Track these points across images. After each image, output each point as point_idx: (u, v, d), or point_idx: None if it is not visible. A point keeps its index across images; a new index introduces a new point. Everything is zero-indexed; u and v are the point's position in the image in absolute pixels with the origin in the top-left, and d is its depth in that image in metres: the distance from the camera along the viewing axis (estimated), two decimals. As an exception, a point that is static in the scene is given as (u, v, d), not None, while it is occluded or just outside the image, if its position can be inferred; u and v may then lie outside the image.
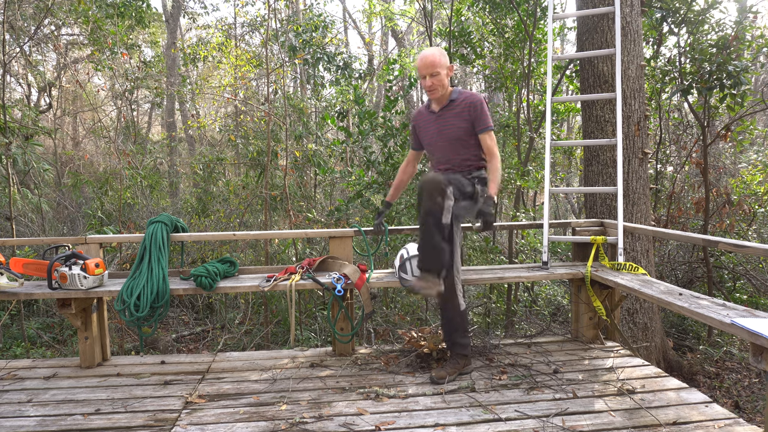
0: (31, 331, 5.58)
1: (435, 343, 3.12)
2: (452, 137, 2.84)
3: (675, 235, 3.11)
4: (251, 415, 2.51)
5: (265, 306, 5.65)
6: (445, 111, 2.84)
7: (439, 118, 2.86)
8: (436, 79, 2.75)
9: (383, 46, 16.47)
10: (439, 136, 2.89)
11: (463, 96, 2.82)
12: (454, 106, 2.81)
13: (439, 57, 2.74)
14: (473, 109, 2.78)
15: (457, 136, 2.83)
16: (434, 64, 2.73)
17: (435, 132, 2.90)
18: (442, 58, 2.75)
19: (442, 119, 2.86)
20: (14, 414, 2.56)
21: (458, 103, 2.81)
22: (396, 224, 5.57)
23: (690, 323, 5.68)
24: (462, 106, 2.80)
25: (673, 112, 7.09)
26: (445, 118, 2.84)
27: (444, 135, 2.86)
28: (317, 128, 7.82)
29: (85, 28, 7.43)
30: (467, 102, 2.79)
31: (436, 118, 2.88)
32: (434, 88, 2.78)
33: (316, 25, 7.28)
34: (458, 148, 2.85)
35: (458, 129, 2.82)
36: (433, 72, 2.74)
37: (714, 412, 2.44)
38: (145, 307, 2.91)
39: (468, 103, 2.79)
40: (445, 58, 2.76)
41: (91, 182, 8.20)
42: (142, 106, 14.33)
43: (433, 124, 2.90)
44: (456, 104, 2.81)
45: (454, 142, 2.84)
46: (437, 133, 2.89)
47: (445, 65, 2.76)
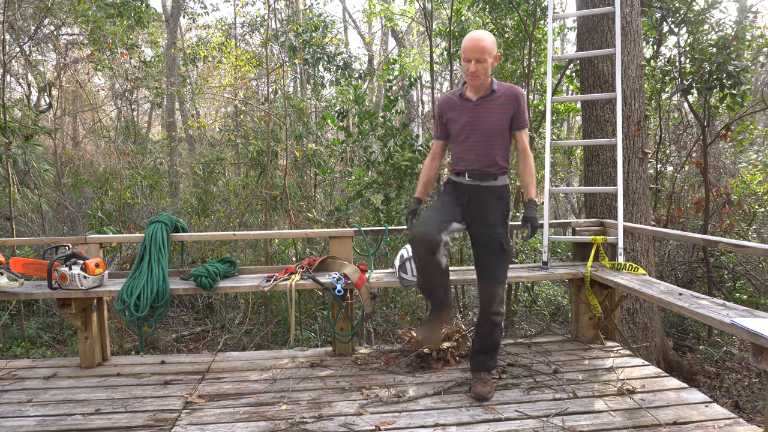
0: (31, 331, 5.58)
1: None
2: (489, 131, 2.61)
3: (675, 235, 3.11)
4: (251, 415, 2.51)
5: (265, 306, 5.65)
6: (485, 101, 2.61)
7: (477, 107, 2.62)
8: (481, 66, 2.51)
9: (383, 46, 16.47)
10: (474, 128, 2.64)
11: (505, 87, 2.62)
12: (496, 97, 2.59)
13: (490, 43, 2.50)
14: (516, 103, 2.59)
15: (495, 131, 2.61)
16: (484, 50, 2.48)
17: (469, 122, 2.64)
18: (493, 45, 2.51)
19: (480, 109, 2.62)
20: (14, 414, 2.56)
21: (500, 95, 2.59)
22: (396, 224, 5.57)
23: (690, 323, 5.68)
24: (504, 99, 2.59)
25: (673, 112, 7.09)
26: (483, 108, 2.61)
27: (480, 127, 2.62)
28: (317, 128, 7.82)
29: (85, 28, 7.43)
30: (511, 94, 2.59)
31: (473, 107, 2.63)
32: (477, 74, 2.53)
33: (316, 25, 7.29)
34: (492, 143, 2.62)
35: (497, 123, 2.60)
36: (481, 58, 2.49)
37: (714, 412, 2.44)
38: (145, 307, 2.91)
39: (512, 95, 2.59)
40: (495, 45, 2.53)
41: (91, 182, 8.20)
42: (142, 106, 14.33)
43: (468, 113, 2.65)
44: (497, 95, 2.59)
45: (490, 137, 2.62)
46: (472, 123, 2.64)
47: (493, 53, 2.52)
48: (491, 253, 2.64)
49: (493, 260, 2.64)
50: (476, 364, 2.75)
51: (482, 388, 2.63)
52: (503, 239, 2.63)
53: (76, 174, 8.84)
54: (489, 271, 2.64)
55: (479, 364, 2.74)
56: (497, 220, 2.65)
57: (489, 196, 2.66)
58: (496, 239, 2.63)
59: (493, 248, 2.63)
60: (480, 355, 2.74)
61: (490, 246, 2.64)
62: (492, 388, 2.68)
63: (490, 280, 2.63)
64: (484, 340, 2.72)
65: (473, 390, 2.66)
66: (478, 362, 2.74)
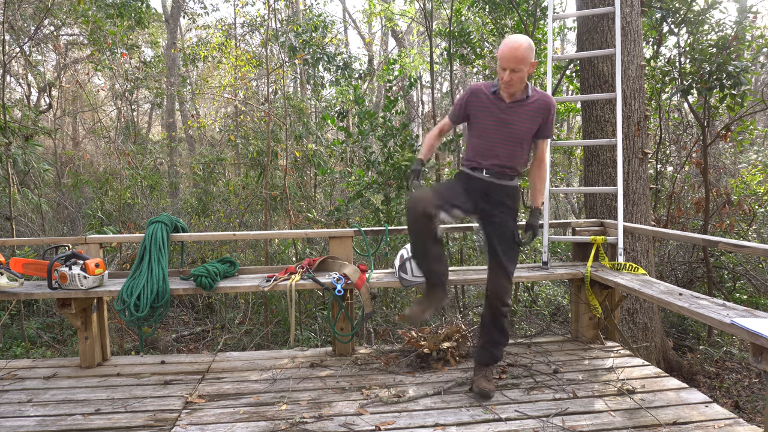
0: (31, 331, 5.58)
1: (435, 343, 3.12)
2: (517, 135, 2.60)
3: (675, 235, 3.11)
4: (251, 415, 2.51)
5: (265, 306, 5.65)
6: (517, 106, 2.58)
7: (509, 110, 2.59)
8: (516, 76, 2.46)
9: (383, 46, 16.47)
10: (500, 129, 2.61)
11: (538, 95, 2.59)
12: (529, 104, 2.57)
13: (527, 52, 2.43)
14: (548, 113, 2.58)
15: (522, 136, 2.61)
16: (520, 60, 2.41)
17: (497, 122, 2.62)
18: (530, 54, 2.44)
19: (511, 112, 2.59)
20: (14, 414, 2.56)
21: (533, 102, 2.56)
22: (396, 224, 5.57)
23: (690, 323, 5.68)
24: (537, 107, 2.57)
25: (673, 112, 7.09)
26: (515, 113, 2.58)
27: (508, 130, 2.60)
28: (317, 128, 7.82)
29: (85, 28, 7.43)
30: (544, 103, 2.58)
31: (505, 109, 2.59)
32: (512, 83, 2.49)
33: (315, 25, 7.28)
34: (516, 148, 2.62)
35: (526, 129, 2.59)
36: (517, 68, 2.43)
37: (714, 412, 2.44)
38: (145, 307, 2.91)
39: (545, 104, 2.58)
40: (532, 53, 2.45)
41: (91, 182, 8.21)
42: (142, 107, 14.33)
43: (497, 113, 2.61)
44: (531, 102, 2.56)
45: (516, 142, 2.61)
46: (500, 124, 2.61)
47: (530, 62, 2.45)
48: (505, 243, 2.66)
49: (507, 252, 2.66)
50: (485, 356, 2.75)
51: (486, 385, 2.64)
52: (515, 233, 2.70)
53: (76, 174, 8.84)
54: (502, 262, 2.64)
55: (486, 356, 2.74)
56: (511, 215, 2.72)
57: (504, 193, 2.72)
58: (510, 230, 2.68)
59: (508, 239, 2.67)
60: (489, 347, 2.74)
61: (504, 236, 2.67)
62: (494, 386, 2.70)
63: (502, 271, 2.64)
64: (492, 331, 2.72)
65: (476, 385, 2.65)
66: (486, 354, 2.75)
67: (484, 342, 2.75)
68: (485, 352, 2.75)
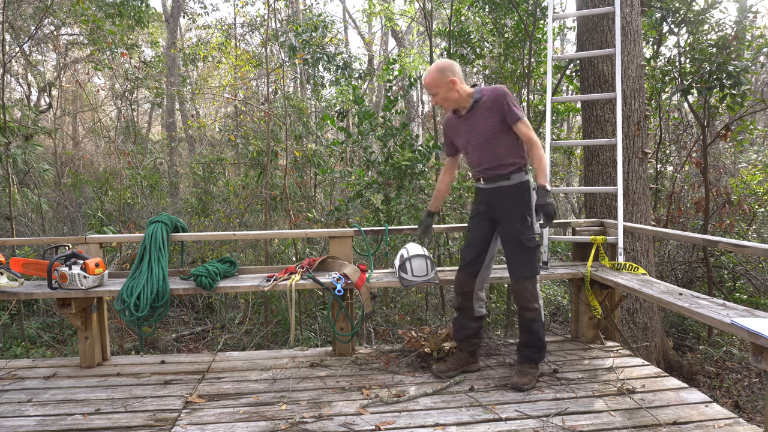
0: (31, 330, 5.58)
1: (436, 343, 3.12)
2: (483, 138, 2.76)
3: (675, 235, 3.12)
4: (251, 414, 2.51)
5: (265, 306, 5.64)
6: (471, 113, 2.76)
7: (467, 120, 2.79)
8: (438, 98, 2.74)
9: (383, 46, 16.46)
10: (470, 139, 2.82)
11: (485, 94, 2.73)
12: (479, 107, 2.73)
13: (435, 76, 2.69)
14: (498, 103, 2.68)
15: (489, 136, 2.74)
16: (430, 86, 2.72)
17: (466, 133, 2.83)
18: (439, 76, 2.68)
19: (469, 122, 2.78)
20: (14, 414, 2.56)
21: (482, 103, 2.72)
22: (396, 224, 5.57)
23: (690, 323, 5.67)
24: (487, 104, 2.71)
25: (673, 112, 7.08)
26: (472, 120, 2.77)
27: (475, 137, 2.78)
28: (317, 128, 7.82)
29: (85, 28, 7.43)
30: (492, 98, 2.70)
31: (465, 120, 2.80)
32: (440, 105, 2.78)
33: (315, 25, 7.28)
34: (491, 147, 2.75)
35: (488, 129, 2.73)
36: (432, 92, 2.74)
37: (714, 412, 2.44)
38: (145, 306, 2.91)
39: (493, 98, 2.70)
40: (443, 75, 2.68)
41: (91, 182, 8.20)
42: (142, 106, 14.33)
43: (463, 127, 2.83)
44: (480, 104, 2.73)
45: (487, 142, 2.76)
46: (467, 136, 2.82)
47: (443, 83, 2.68)
48: (512, 250, 2.79)
49: (514, 257, 2.78)
50: (520, 356, 2.88)
51: (519, 379, 2.75)
52: (522, 236, 2.72)
53: (76, 174, 8.84)
54: (512, 267, 2.80)
55: (522, 357, 2.86)
56: (514, 217, 2.75)
57: (502, 196, 2.78)
58: (514, 235, 2.74)
59: (514, 245, 2.76)
60: (522, 348, 2.86)
61: (509, 242, 2.79)
62: (531, 380, 2.75)
63: (514, 277, 2.80)
64: (523, 334, 2.85)
65: (511, 379, 2.78)
66: (521, 355, 2.87)
67: (519, 343, 2.89)
68: (519, 353, 2.89)
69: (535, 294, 2.78)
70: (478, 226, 2.91)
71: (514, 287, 2.81)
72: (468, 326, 2.95)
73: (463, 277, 2.92)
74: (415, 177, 5.47)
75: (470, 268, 2.89)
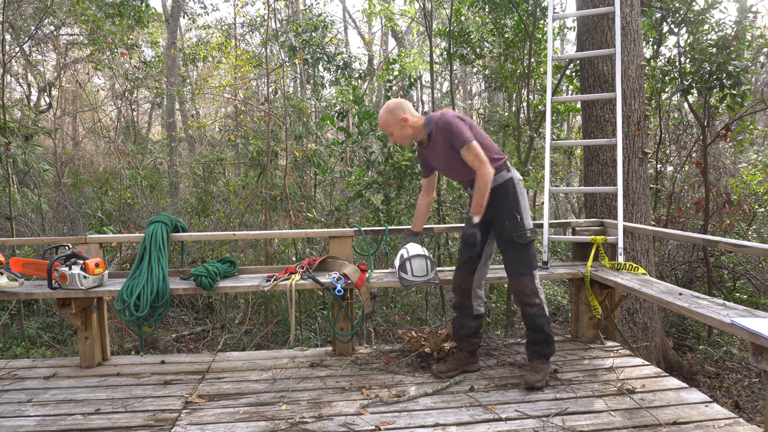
0: (31, 331, 5.58)
1: (436, 343, 3.12)
2: (446, 165, 2.89)
3: (675, 235, 3.12)
4: (251, 414, 2.51)
5: (265, 306, 5.64)
6: (430, 144, 2.89)
7: (430, 150, 2.93)
8: (395, 138, 2.88)
9: (383, 46, 16.46)
10: (437, 165, 2.99)
11: (433, 124, 2.80)
12: (433, 138, 2.83)
13: (386, 118, 2.82)
14: (446, 131, 2.74)
15: (450, 163, 2.84)
16: (383, 128, 2.88)
17: (432, 160, 2.98)
18: (389, 117, 2.81)
19: (429, 151, 2.93)
20: (14, 414, 2.56)
21: (434, 135, 2.81)
22: (396, 224, 5.57)
23: (690, 323, 5.67)
24: (437, 136, 2.80)
25: (673, 112, 7.08)
26: (431, 149, 2.90)
27: (439, 161, 2.93)
28: (317, 128, 7.82)
29: (85, 28, 7.43)
30: (439, 127, 2.78)
31: (427, 148, 2.94)
32: (398, 142, 2.93)
33: (315, 25, 7.28)
34: (456, 170, 2.85)
35: (447, 156, 2.82)
36: (387, 132, 2.89)
37: (714, 412, 2.44)
38: (145, 306, 2.90)
39: (440, 127, 2.77)
40: (393, 116, 2.80)
41: (91, 182, 8.20)
42: (142, 106, 14.33)
43: (429, 155, 2.98)
44: (433, 136, 2.82)
45: (452, 168, 2.88)
46: (434, 162, 2.98)
47: (395, 122, 2.81)
48: (506, 248, 2.84)
49: (509, 255, 2.83)
50: (530, 353, 2.89)
51: (532, 376, 2.76)
52: (513, 233, 2.76)
53: (76, 174, 8.84)
54: (508, 266, 2.85)
55: (532, 353, 2.87)
56: (503, 216, 2.80)
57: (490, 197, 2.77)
58: (506, 234, 2.79)
59: (506, 244, 2.81)
60: (531, 345, 2.87)
61: (502, 242, 2.84)
62: (544, 377, 2.76)
63: (512, 274, 2.84)
64: (529, 330, 2.87)
65: (524, 378, 2.79)
66: (531, 351, 2.87)
67: (528, 341, 2.91)
68: (529, 350, 2.90)
69: (535, 289, 2.80)
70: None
71: (512, 285, 2.85)
72: (467, 325, 2.96)
73: (460, 275, 2.95)
74: (415, 177, 5.48)
75: (467, 266, 2.93)
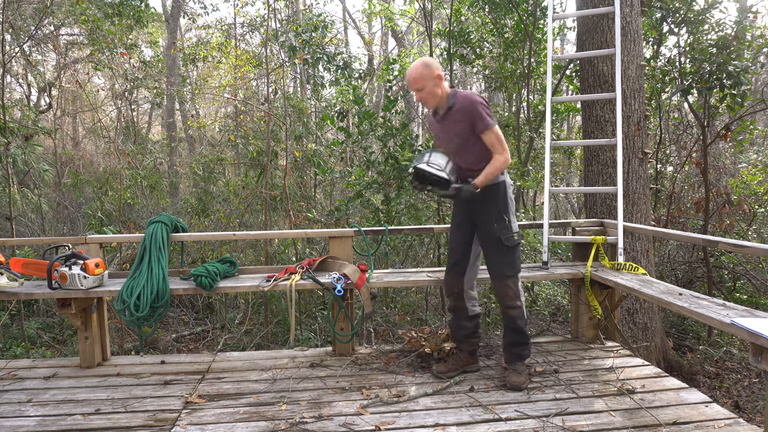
0: (31, 331, 5.58)
1: (436, 343, 3.12)
2: (455, 142, 2.80)
3: (675, 235, 3.11)
4: (251, 415, 2.51)
5: (265, 306, 5.64)
6: (446, 116, 2.79)
7: (443, 121, 2.82)
8: (423, 94, 2.74)
9: (383, 46, 16.46)
10: (445, 140, 2.87)
11: (459, 100, 2.74)
12: (453, 112, 2.76)
13: (422, 71, 2.69)
14: (471, 112, 2.70)
15: (459, 141, 2.78)
16: (416, 81, 2.71)
17: (441, 134, 2.88)
18: (425, 71, 2.69)
19: (445, 122, 2.82)
20: (14, 414, 2.56)
21: (456, 109, 2.75)
22: (396, 224, 5.57)
23: (690, 323, 5.67)
24: (460, 112, 2.74)
25: (673, 112, 7.08)
26: (446, 123, 2.81)
27: (448, 138, 2.83)
28: (317, 128, 7.82)
29: (85, 28, 7.43)
30: (465, 105, 2.72)
31: (441, 121, 2.84)
32: (425, 101, 2.78)
33: (315, 25, 7.28)
34: (464, 149, 2.79)
35: (458, 135, 2.76)
36: (418, 87, 2.72)
37: (714, 412, 2.44)
38: (145, 307, 2.90)
39: (466, 105, 2.72)
40: (429, 70, 2.69)
41: (91, 182, 8.20)
42: (142, 106, 14.33)
43: (440, 128, 2.87)
44: (454, 110, 2.75)
45: (457, 147, 2.81)
46: (443, 135, 2.87)
47: (430, 77, 2.69)
48: (491, 250, 2.81)
49: (494, 257, 2.80)
50: (509, 356, 2.87)
51: (516, 379, 2.75)
52: (501, 234, 2.74)
53: (76, 174, 8.84)
54: (492, 267, 2.83)
55: (512, 356, 2.86)
56: (491, 217, 2.77)
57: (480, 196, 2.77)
58: (492, 235, 2.76)
59: (492, 245, 2.79)
60: (510, 348, 2.86)
61: (488, 243, 2.81)
62: (527, 378, 2.77)
63: (495, 277, 2.82)
64: (509, 333, 2.86)
65: (507, 381, 2.77)
66: (511, 354, 2.86)
67: (506, 344, 2.88)
68: (508, 353, 2.88)
69: (518, 292, 2.81)
70: (460, 227, 2.93)
71: (496, 287, 2.83)
72: (464, 326, 2.96)
73: (450, 277, 2.94)
74: (415, 177, 5.46)
75: (457, 267, 2.92)
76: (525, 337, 2.84)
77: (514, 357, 2.84)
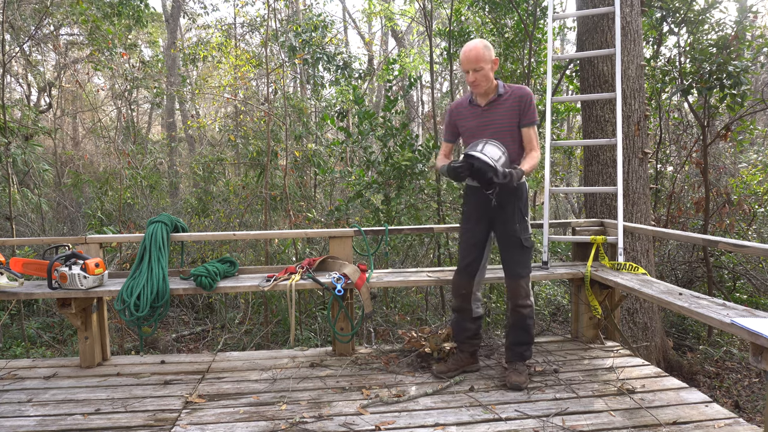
0: (31, 331, 5.58)
1: (436, 343, 3.12)
2: (498, 133, 2.72)
3: (675, 235, 3.11)
4: (251, 414, 2.51)
5: (265, 306, 5.64)
6: (493, 105, 2.72)
7: (485, 112, 2.75)
8: (480, 74, 2.63)
9: (383, 46, 16.46)
10: (483, 131, 2.76)
11: (511, 89, 2.71)
12: (503, 101, 2.70)
13: (483, 51, 2.61)
14: (523, 102, 2.67)
15: (504, 133, 2.72)
16: (477, 59, 2.60)
17: (477, 126, 2.78)
18: (486, 52, 2.62)
19: (488, 113, 2.74)
20: (14, 414, 2.56)
21: (507, 98, 2.69)
22: (396, 224, 5.57)
23: (690, 323, 5.67)
24: (512, 100, 2.69)
25: (673, 112, 7.08)
26: (492, 112, 2.73)
27: (489, 130, 2.74)
28: (317, 128, 7.82)
29: (85, 28, 7.43)
30: (518, 95, 2.69)
31: (482, 113, 2.76)
32: (478, 83, 2.66)
33: (315, 25, 7.28)
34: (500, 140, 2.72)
35: (506, 125, 2.71)
36: (477, 67, 2.62)
37: (714, 411, 2.44)
38: (145, 306, 2.90)
39: (518, 96, 2.68)
40: (490, 52, 2.63)
41: (91, 182, 8.20)
42: (141, 106, 14.33)
43: (477, 119, 2.78)
44: (504, 98, 2.70)
45: (497, 134, 2.73)
46: (480, 127, 2.77)
47: (489, 59, 2.63)
48: (510, 249, 2.80)
49: (512, 256, 2.80)
50: (511, 355, 2.86)
51: (517, 378, 2.75)
52: (521, 235, 2.76)
53: (76, 174, 8.84)
54: (510, 267, 2.81)
55: (514, 355, 2.85)
56: (514, 217, 2.77)
57: (503, 195, 2.73)
58: (514, 236, 2.76)
59: (512, 245, 2.79)
60: (514, 347, 2.85)
61: (509, 243, 2.80)
62: (527, 378, 2.77)
63: (513, 276, 2.80)
64: (516, 331, 2.84)
65: (508, 380, 2.76)
66: (513, 353, 2.85)
67: (510, 343, 2.87)
68: (510, 351, 2.87)
69: (529, 291, 2.82)
70: (475, 227, 2.87)
71: (510, 286, 2.82)
72: (468, 328, 2.95)
73: (460, 279, 2.92)
74: (415, 177, 5.47)
75: (469, 269, 2.89)
76: (530, 338, 2.84)
77: (516, 356, 2.84)
